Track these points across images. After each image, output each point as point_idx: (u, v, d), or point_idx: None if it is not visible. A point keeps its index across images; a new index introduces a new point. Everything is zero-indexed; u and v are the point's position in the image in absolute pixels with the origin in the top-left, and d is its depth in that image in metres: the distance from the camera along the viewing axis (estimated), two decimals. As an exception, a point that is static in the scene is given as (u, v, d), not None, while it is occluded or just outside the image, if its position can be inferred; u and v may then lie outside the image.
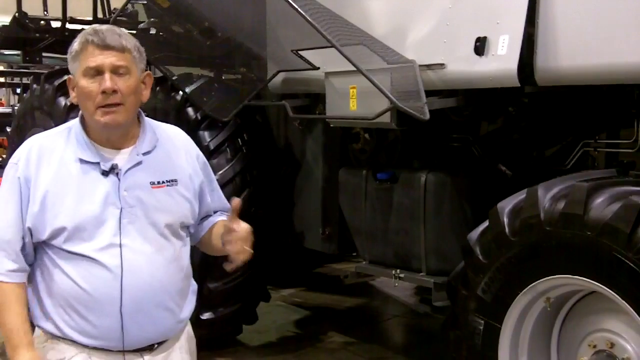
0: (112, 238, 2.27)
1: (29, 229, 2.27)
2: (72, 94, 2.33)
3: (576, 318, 3.21)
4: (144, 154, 2.36)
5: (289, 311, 6.49)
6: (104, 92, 2.22)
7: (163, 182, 2.37)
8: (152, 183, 2.35)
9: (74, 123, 2.37)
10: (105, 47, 2.23)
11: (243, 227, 2.36)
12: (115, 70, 2.24)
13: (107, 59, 2.23)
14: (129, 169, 2.32)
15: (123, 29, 2.34)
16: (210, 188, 2.59)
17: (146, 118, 2.44)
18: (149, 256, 2.31)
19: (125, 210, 2.28)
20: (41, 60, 7.55)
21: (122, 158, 2.33)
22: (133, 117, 2.35)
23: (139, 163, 2.34)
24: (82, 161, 2.29)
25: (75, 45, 2.28)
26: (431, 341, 5.70)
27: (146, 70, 2.39)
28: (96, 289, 2.25)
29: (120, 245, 2.27)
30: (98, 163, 2.29)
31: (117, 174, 2.30)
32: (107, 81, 2.22)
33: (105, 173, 2.29)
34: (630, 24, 3.05)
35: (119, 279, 2.26)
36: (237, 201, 2.35)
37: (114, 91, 2.23)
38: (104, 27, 2.29)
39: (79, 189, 2.27)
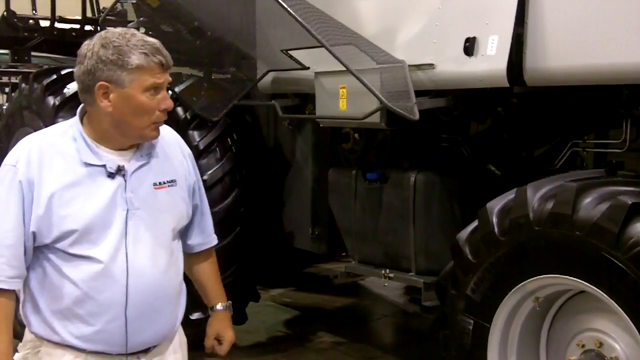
0: (118, 241, 2.25)
1: (33, 233, 2.22)
2: (107, 103, 2.22)
3: (565, 317, 3.22)
4: (146, 154, 2.35)
5: (279, 311, 6.48)
6: (164, 109, 2.26)
7: (164, 182, 2.37)
8: (155, 184, 2.34)
9: (73, 124, 2.32)
10: (167, 68, 2.25)
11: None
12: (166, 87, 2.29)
13: (166, 76, 2.26)
14: (135, 170, 2.30)
15: None
16: (200, 195, 2.59)
17: None
18: (153, 260, 2.30)
19: (131, 211, 2.27)
20: (30, 59, 7.52)
21: (126, 159, 2.31)
22: None
23: (144, 164, 2.33)
24: (87, 164, 2.26)
25: (137, 59, 2.18)
26: (421, 341, 5.70)
27: None
28: (102, 292, 2.23)
29: (126, 248, 2.25)
30: (104, 165, 2.26)
31: (123, 175, 2.28)
32: (169, 100, 2.28)
33: (111, 175, 2.27)
34: (619, 24, 3.06)
35: (125, 282, 2.24)
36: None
37: None
38: (158, 42, 2.26)
39: (85, 191, 2.24)
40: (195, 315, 4.91)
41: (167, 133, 2.52)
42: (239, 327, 5.38)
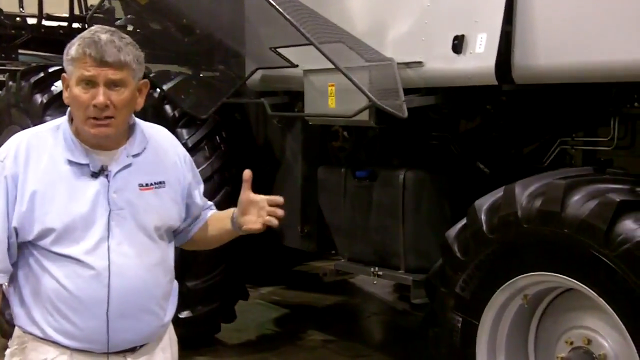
0: (100, 240, 2.24)
1: (15, 229, 2.22)
2: (65, 94, 2.27)
3: (553, 315, 3.23)
4: (134, 155, 2.32)
5: (268, 309, 6.47)
6: (94, 105, 2.17)
7: (151, 184, 2.34)
8: (141, 185, 2.32)
9: (62, 122, 2.32)
10: (102, 62, 2.16)
11: (264, 197, 2.39)
12: (110, 84, 2.18)
13: (102, 72, 2.17)
14: (119, 170, 2.28)
15: (125, 37, 2.24)
16: (199, 189, 2.57)
17: (135, 118, 2.39)
18: (136, 259, 2.28)
19: (113, 212, 2.25)
20: (17, 57, 7.47)
21: (111, 159, 2.29)
22: (124, 126, 2.31)
23: (129, 165, 2.30)
24: (71, 162, 2.25)
25: (72, 50, 2.19)
26: (410, 338, 5.71)
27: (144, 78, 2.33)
28: (83, 291, 2.22)
29: (108, 248, 2.24)
30: (87, 164, 2.25)
31: (106, 175, 2.26)
32: (101, 96, 2.16)
33: (94, 175, 2.25)
34: (607, 22, 3.07)
35: (106, 281, 2.23)
36: (248, 172, 2.38)
37: (106, 105, 2.18)
38: (104, 36, 2.17)
39: (68, 190, 2.23)
40: (184, 314, 4.92)
41: (162, 135, 2.50)
42: (228, 325, 5.39)
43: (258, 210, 2.40)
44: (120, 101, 2.20)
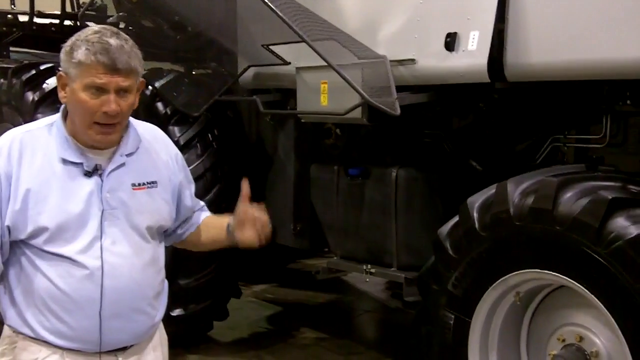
0: (93, 240, 2.23)
1: (8, 227, 2.20)
2: (62, 93, 2.24)
3: (545, 312, 3.23)
4: (127, 155, 2.32)
5: (261, 307, 6.47)
6: (105, 112, 2.16)
7: (144, 183, 2.34)
8: (134, 185, 2.31)
9: (56, 120, 2.30)
10: (114, 70, 2.14)
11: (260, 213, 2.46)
12: (119, 91, 2.18)
13: (113, 79, 2.15)
14: (112, 170, 2.28)
15: (128, 40, 2.22)
16: (190, 189, 2.57)
17: (129, 117, 2.37)
18: (129, 259, 2.28)
19: (107, 211, 2.25)
20: (8, 54, 7.43)
21: (105, 159, 2.28)
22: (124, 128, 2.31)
23: (122, 164, 2.30)
24: (65, 161, 2.23)
25: (80, 54, 2.15)
26: (403, 336, 5.71)
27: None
28: (76, 290, 2.21)
29: (101, 247, 2.23)
30: (81, 163, 2.24)
31: (100, 175, 2.26)
32: (112, 104, 2.16)
33: (88, 174, 2.24)
34: (599, 20, 3.08)
35: (99, 281, 2.22)
36: (246, 185, 2.45)
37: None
38: (113, 42, 2.15)
39: (62, 189, 2.22)
40: (177, 312, 4.91)
41: (156, 134, 2.50)
42: (220, 323, 5.38)
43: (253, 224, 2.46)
44: (127, 106, 2.22)
